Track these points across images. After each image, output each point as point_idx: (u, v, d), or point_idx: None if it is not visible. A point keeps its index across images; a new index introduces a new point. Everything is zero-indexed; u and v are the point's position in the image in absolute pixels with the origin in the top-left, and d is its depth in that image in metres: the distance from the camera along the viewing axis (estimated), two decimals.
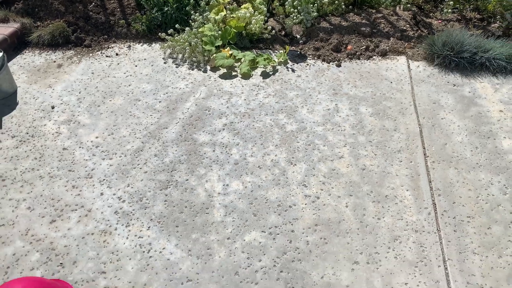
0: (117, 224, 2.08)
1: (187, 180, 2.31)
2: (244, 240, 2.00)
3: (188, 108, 2.80)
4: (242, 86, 3.00)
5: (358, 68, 3.15)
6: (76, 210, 2.15)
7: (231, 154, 2.46)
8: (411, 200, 2.17)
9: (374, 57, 3.27)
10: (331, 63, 3.23)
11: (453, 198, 2.17)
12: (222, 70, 3.16)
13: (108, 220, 2.09)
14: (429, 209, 2.12)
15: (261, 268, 1.88)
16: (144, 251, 1.95)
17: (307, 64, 3.20)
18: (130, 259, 1.92)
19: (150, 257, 1.93)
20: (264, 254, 1.94)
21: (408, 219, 2.08)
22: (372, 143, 2.50)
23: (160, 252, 1.95)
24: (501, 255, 1.90)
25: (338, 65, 3.20)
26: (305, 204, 2.17)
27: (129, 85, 3.02)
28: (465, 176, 2.28)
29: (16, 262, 1.91)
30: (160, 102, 2.86)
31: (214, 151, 2.48)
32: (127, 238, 2.01)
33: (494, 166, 2.32)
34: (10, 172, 2.36)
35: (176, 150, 2.49)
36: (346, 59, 3.25)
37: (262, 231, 2.04)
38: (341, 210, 2.13)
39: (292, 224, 2.07)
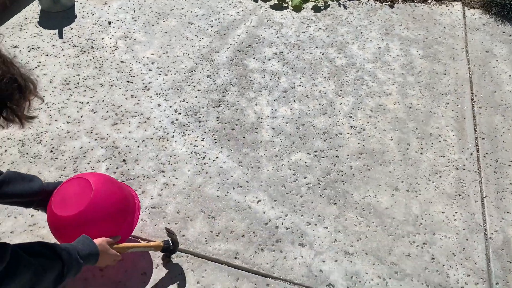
0: (174, 132, 2.22)
1: (237, 101, 2.41)
2: (291, 159, 2.12)
3: (239, 35, 2.85)
4: (293, 18, 3.01)
5: (412, 11, 3.10)
6: (135, 116, 2.29)
7: (280, 82, 2.53)
8: (454, 140, 2.23)
9: (428, 0, 3.20)
10: (384, 3, 3.18)
11: (496, 142, 2.22)
12: (273, 1, 3.16)
13: (166, 128, 2.24)
14: (471, 150, 2.19)
15: (306, 184, 2.02)
16: (199, 158, 2.10)
17: (360, 2, 3.16)
18: (186, 163, 2.08)
19: (205, 163, 2.08)
20: (309, 173, 2.07)
21: (450, 156, 2.15)
22: (421, 84, 2.53)
23: (214, 160, 2.09)
24: None
25: (391, 6, 3.15)
26: (351, 134, 2.26)
27: (182, 8, 3.06)
28: (511, 124, 2.31)
29: (84, 155, 2.09)
30: (211, 27, 2.91)
31: (263, 77, 2.56)
32: (183, 145, 2.16)
33: None
34: (73, 77, 2.50)
35: (227, 73, 2.57)
36: (399, 0, 3.19)
37: (308, 153, 2.16)
38: (386, 143, 2.21)
39: (337, 150, 2.17)
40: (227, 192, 1.97)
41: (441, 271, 1.72)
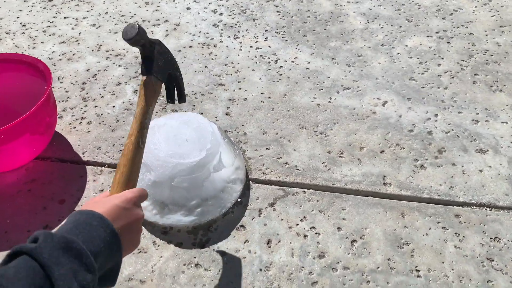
0: (220, 36, 1.49)
1: None
2: (407, 46, 1.42)
3: None
4: None
5: None
6: (159, 25, 1.56)
7: None
8: None
9: None
10: None
11: None
12: None
13: (207, 33, 1.51)
14: None
15: (445, 72, 1.31)
16: (269, 62, 1.38)
17: None
18: (253, 70, 1.36)
19: (281, 67, 1.36)
20: (443, 58, 1.36)
21: None
22: None
23: (292, 61, 1.38)
24: None
25: None
26: (475, 7, 1.57)
27: None
28: None
29: (94, 78, 1.35)
30: None
31: None
32: (240, 49, 1.43)
33: None
34: None
35: None
36: None
37: (428, 36, 1.45)
38: None
39: (466, 28, 1.48)
40: (331, 97, 1.25)
41: None
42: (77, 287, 0.43)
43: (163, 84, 0.77)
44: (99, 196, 0.61)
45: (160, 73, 0.73)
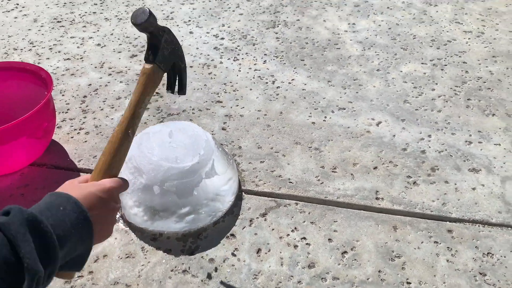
0: (221, 58, 1.53)
1: (298, 20, 1.76)
2: (401, 71, 1.45)
3: None
4: None
5: None
6: None
7: None
8: None
9: None
10: None
11: None
12: None
13: (208, 55, 1.55)
14: None
15: (439, 96, 1.34)
16: (267, 82, 1.41)
17: None
18: (251, 89, 1.38)
19: (278, 87, 1.39)
20: (436, 84, 1.40)
21: None
22: None
23: (290, 82, 1.41)
24: None
25: None
26: (468, 38, 1.62)
27: None
28: None
29: (95, 92, 1.38)
30: None
31: None
32: (239, 70, 1.47)
33: None
34: (66, 15, 1.82)
35: None
36: None
37: (422, 63, 1.49)
38: None
39: (460, 57, 1.52)
40: (326, 116, 1.27)
41: None
42: (41, 266, 0.43)
43: (165, 73, 0.72)
44: (77, 179, 0.59)
45: (164, 62, 0.69)
